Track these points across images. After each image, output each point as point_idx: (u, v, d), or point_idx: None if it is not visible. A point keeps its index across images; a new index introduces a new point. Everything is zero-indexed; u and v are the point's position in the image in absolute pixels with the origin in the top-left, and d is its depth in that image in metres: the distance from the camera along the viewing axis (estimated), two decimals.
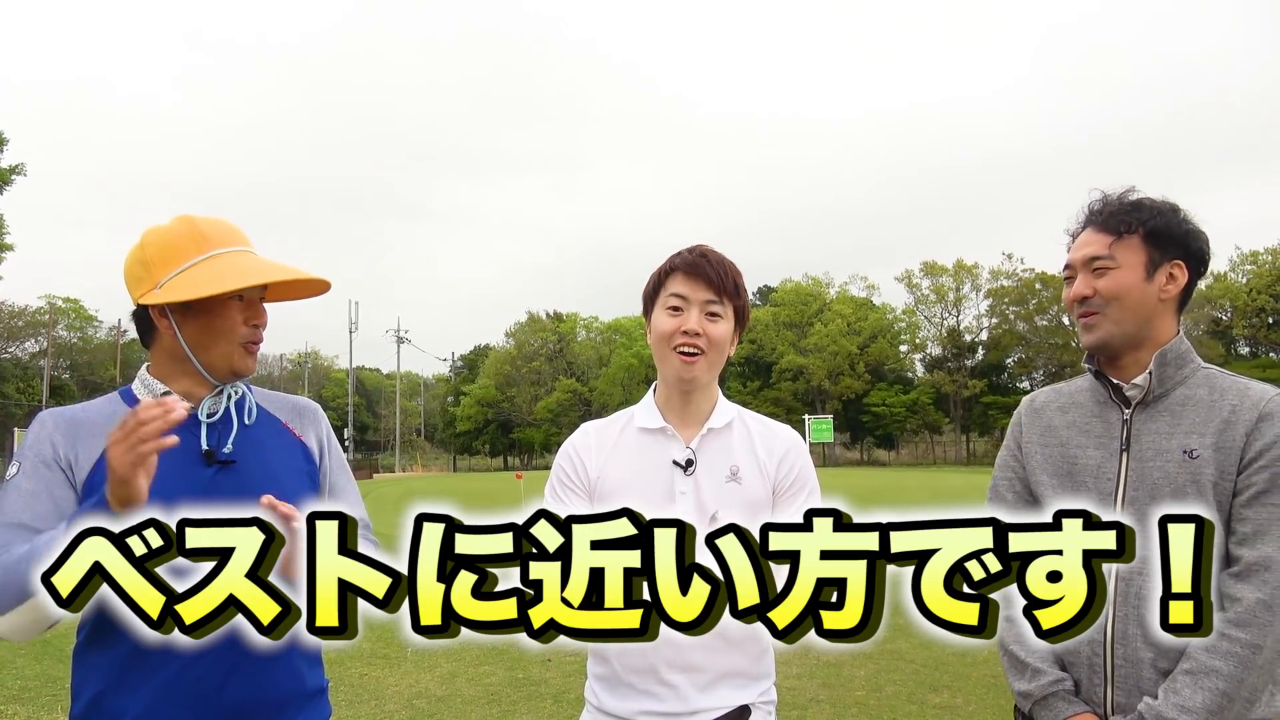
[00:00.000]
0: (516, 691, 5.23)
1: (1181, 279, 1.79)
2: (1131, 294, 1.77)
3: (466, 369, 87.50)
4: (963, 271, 65.40)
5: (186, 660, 1.60)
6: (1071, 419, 1.89)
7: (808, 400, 63.46)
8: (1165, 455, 1.73)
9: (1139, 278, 1.77)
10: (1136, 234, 1.77)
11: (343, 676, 5.50)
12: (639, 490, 1.87)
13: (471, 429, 76.63)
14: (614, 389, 64.99)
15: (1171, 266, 1.78)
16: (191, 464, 1.69)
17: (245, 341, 1.73)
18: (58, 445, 1.64)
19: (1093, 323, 1.81)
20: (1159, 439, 1.75)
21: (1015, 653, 1.84)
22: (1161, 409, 1.77)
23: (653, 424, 1.93)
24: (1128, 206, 1.80)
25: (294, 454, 1.83)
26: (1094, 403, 1.87)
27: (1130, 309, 1.77)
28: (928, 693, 5.16)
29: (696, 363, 1.87)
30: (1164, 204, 1.81)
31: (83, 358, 63.82)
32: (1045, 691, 1.78)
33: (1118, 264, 1.78)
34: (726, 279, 1.88)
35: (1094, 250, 1.80)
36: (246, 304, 1.74)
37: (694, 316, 1.86)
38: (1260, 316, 55.16)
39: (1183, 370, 1.78)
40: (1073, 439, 1.86)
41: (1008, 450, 2.02)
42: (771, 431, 1.98)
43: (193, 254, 1.69)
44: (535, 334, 76.92)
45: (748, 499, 1.88)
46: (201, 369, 1.72)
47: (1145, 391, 1.78)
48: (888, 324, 67.41)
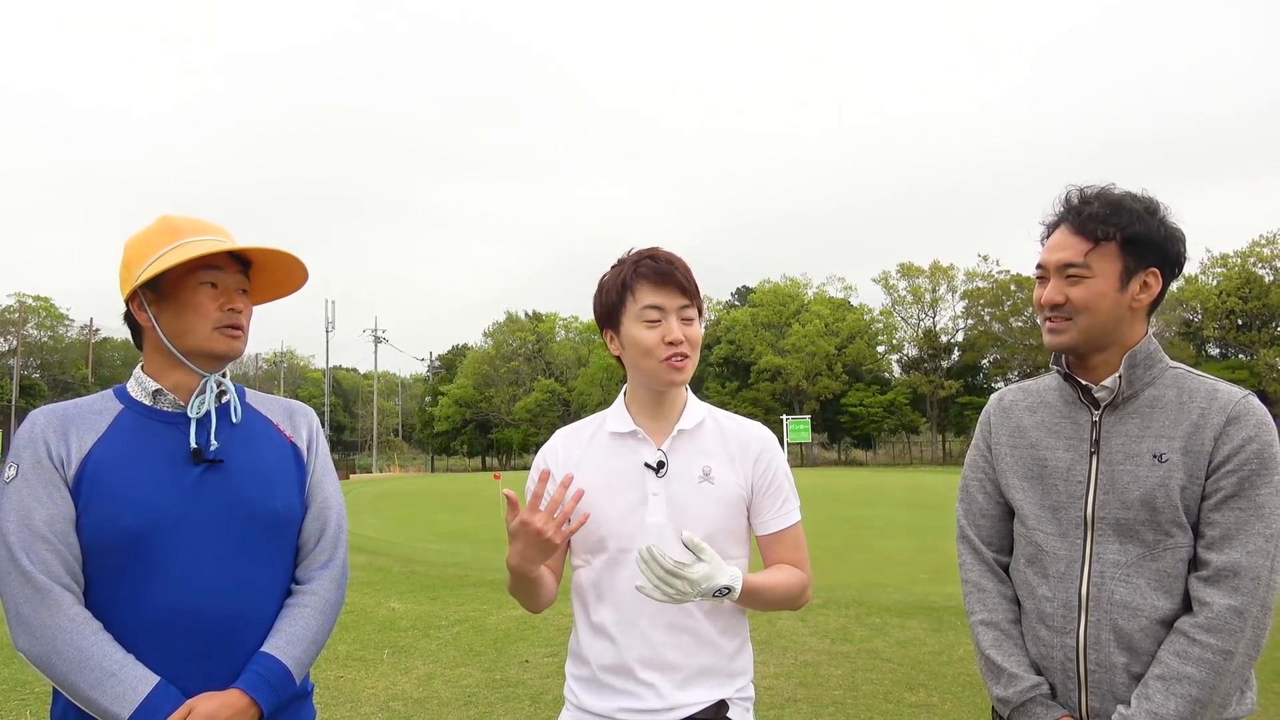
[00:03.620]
0: (494, 693, 5.21)
1: (1155, 287, 1.76)
2: (1104, 305, 1.73)
3: (444, 369, 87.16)
4: (939, 273, 65.96)
5: (170, 668, 1.61)
6: (1040, 419, 1.87)
7: (786, 400, 63.67)
8: (1135, 459, 1.72)
9: (1113, 288, 1.73)
10: (1114, 241, 1.72)
11: (318, 679, 5.45)
12: (611, 495, 1.87)
13: (449, 429, 76.32)
14: (593, 389, 64.93)
15: (1146, 275, 1.74)
16: (179, 462, 1.69)
17: (221, 325, 1.74)
18: (50, 443, 1.65)
19: (1061, 328, 1.77)
20: (1129, 442, 1.74)
21: (992, 658, 1.84)
22: (1131, 410, 1.76)
23: (623, 428, 1.93)
24: (1106, 210, 1.74)
25: (283, 455, 1.83)
26: (1063, 403, 1.85)
27: (1101, 318, 1.74)
28: (904, 691, 5.19)
29: (685, 367, 1.88)
30: (1142, 205, 1.75)
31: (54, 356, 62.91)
32: (1023, 697, 1.77)
33: (1093, 273, 1.73)
34: (691, 282, 1.89)
35: (1069, 256, 1.75)
36: (220, 290, 1.75)
37: (674, 325, 1.86)
38: (1230, 318, 55.98)
39: (1151, 371, 1.76)
40: (1042, 440, 1.85)
41: (977, 450, 2.00)
42: (744, 429, 1.98)
43: (163, 244, 1.72)
44: (514, 334, 76.73)
45: (721, 499, 1.88)
46: (183, 358, 1.73)
47: (1114, 394, 1.76)
48: (865, 325, 67.81)
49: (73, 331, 64.47)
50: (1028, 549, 1.85)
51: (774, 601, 1.90)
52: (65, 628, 1.55)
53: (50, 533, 1.58)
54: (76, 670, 1.54)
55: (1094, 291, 1.73)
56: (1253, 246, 56.88)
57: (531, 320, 77.90)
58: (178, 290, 1.71)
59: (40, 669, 1.57)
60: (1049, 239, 1.82)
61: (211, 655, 1.65)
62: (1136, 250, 1.73)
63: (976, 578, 1.93)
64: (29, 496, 1.59)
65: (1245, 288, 55.31)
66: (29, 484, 1.60)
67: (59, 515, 1.60)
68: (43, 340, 62.68)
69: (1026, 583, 1.84)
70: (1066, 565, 1.76)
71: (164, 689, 1.58)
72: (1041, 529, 1.81)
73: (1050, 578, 1.78)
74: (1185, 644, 1.62)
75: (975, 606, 1.92)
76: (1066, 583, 1.76)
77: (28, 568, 1.56)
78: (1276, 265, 56.05)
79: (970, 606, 1.93)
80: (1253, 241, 56.96)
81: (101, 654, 1.56)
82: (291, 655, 1.71)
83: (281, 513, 1.77)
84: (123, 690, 1.54)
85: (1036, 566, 1.82)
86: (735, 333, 66.08)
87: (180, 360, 1.74)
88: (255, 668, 1.67)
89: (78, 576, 1.61)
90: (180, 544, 1.64)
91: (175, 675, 1.61)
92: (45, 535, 1.58)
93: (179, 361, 1.74)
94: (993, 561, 1.93)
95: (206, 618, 1.64)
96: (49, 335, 63.07)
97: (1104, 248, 1.73)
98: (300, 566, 1.83)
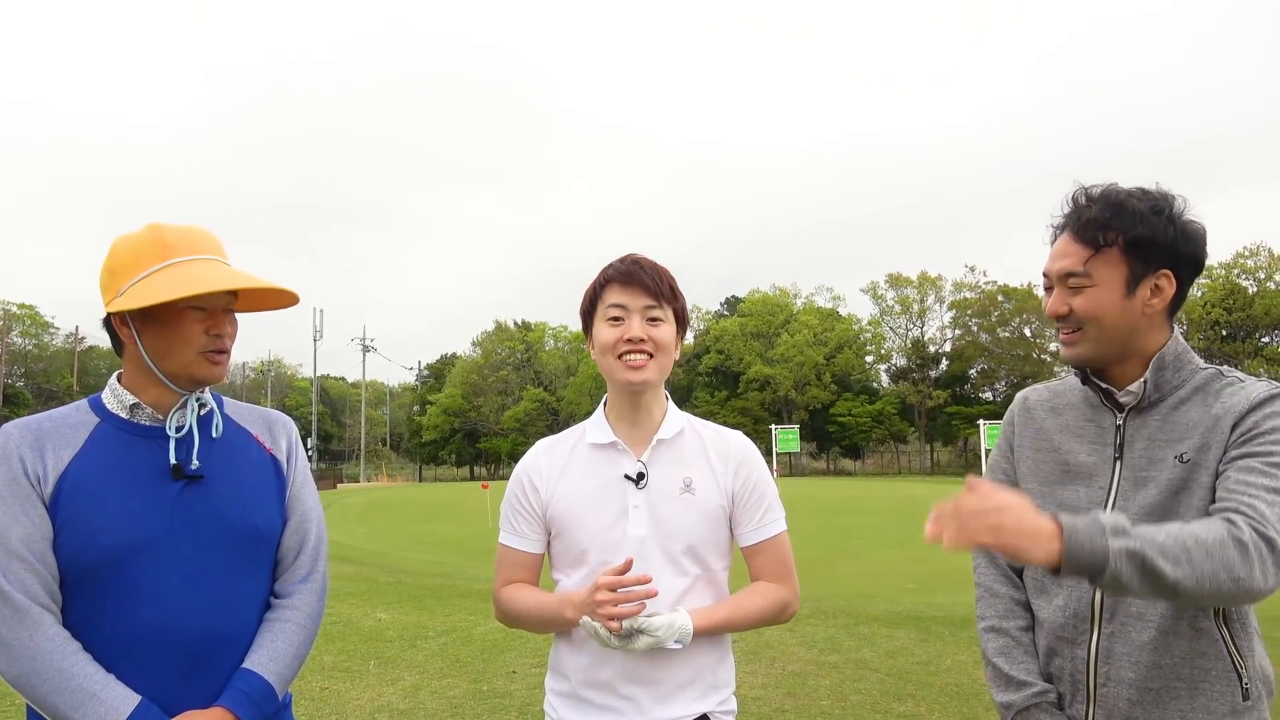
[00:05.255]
0: (480, 704, 5.18)
1: (1169, 289, 1.65)
2: (1110, 313, 1.65)
3: (433, 378, 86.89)
4: (927, 284, 66.24)
5: (152, 686, 1.60)
6: (1064, 421, 1.80)
7: (774, 410, 63.73)
8: (1159, 464, 1.65)
9: (1118, 295, 1.64)
10: (1115, 246, 1.63)
11: (304, 690, 5.41)
12: (592, 507, 1.86)
13: (437, 438, 76.03)
14: (582, 398, 64.81)
15: (1157, 278, 1.64)
16: (158, 479, 1.66)
17: (206, 350, 1.69)
18: (25, 459, 1.61)
19: (1073, 340, 1.70)
20: (1153, 446, 1.66)
21: (999, 665, 1.78)
22: (1155, 414, 1.68)
23: (603, 439, 1.92)
24: (1108, 213, 1.64)
25: (263, 469, 1.81)
26: (1086, 405, 1.78)
27: (1110, 328, 1.66)
28: (892, 701, 5.19)
29: (646, 366, 1.86)
30: (1149, 204, 1.63)
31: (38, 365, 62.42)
32: (1028, 703, 1.72)
33: (1094, 281, 1.65)
34: (662, 283, 1.88)
35: (1069, 265, 1.67)
36: (208, 313, 1.70)
37: (636, 323, 1.86)
38: (1214, 329, 56.40)
39: (1181, 373, 1.68)
40: (1065, 443, 1.78)
41: (999, 451, 1.93)
42: (724, 439, 1.97)
43: (153, 261, 1.67)
44: (503, 343, 76.60)
45: (702, 510, 1.87)
46: (163, 378, 1.70)
47: (1140, 398, 1.69)
48: (854, 335, 68.01)
49: (58, 340, 64.05)
50: None
51: (745, 627, 1.90)
52: (45, 648, 1.53)
53: (27, 552, 1.55)
54: (57, 692, 1.52)
55: (1097, 300, 1.65)
56: (1237, 258, 57.38)
57: (520, 329, 77.77)
58: (164, 312, 1.66)
59: (20, 690, 1.54)
60: (1054, 245, 1.74)
61: (194, 673, 1.63)
62: (1142, 254, 1.63)
63: (989, 582, 1.86)
64: (4, 515, 1.56)
65: (1229, 299, 55.75)
66: (4, 502, 1.57)
67: (36, 534, 1.57)
68: (27, 349, 62.20)
69: (1041, 590, 1.78)
70: None
71: (146, 708, 1.56)
72: None
73: (1065, 586, 1.71)
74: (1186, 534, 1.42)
75: (985, 611, 1.85)
76: (1081, 592, 1.69)
77: (5, 587, 1.53)
78: (1260, 277, 56.57)
79: (980, 611, 1.87)
80: (1237, 253, 57.47)
81: (82, 674, 1.54)
82: (274, 671, 1.69)
83: (261, 528, 1.75)
84: (104, 711, 1.52)
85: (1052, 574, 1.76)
86: (724, 342, 66.14)
87: (160, 379, 1.70)
88: (239, 685, 1.65)
89: (56, 596, 1.58)
90: (161, 562, 1.61)
91: (157, 694, 1.59)
92: (22, 554, 1.55)
93: (159, 379, 1.70)
94: (1007, 566, 1.86)
95: (188, 635, 1.62)
96: (33, 343, 62.61)
97: (1105, 254, 1.64)
98: (280, 580, 1.80)
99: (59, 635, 1.55)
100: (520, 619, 1.91)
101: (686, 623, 1.76)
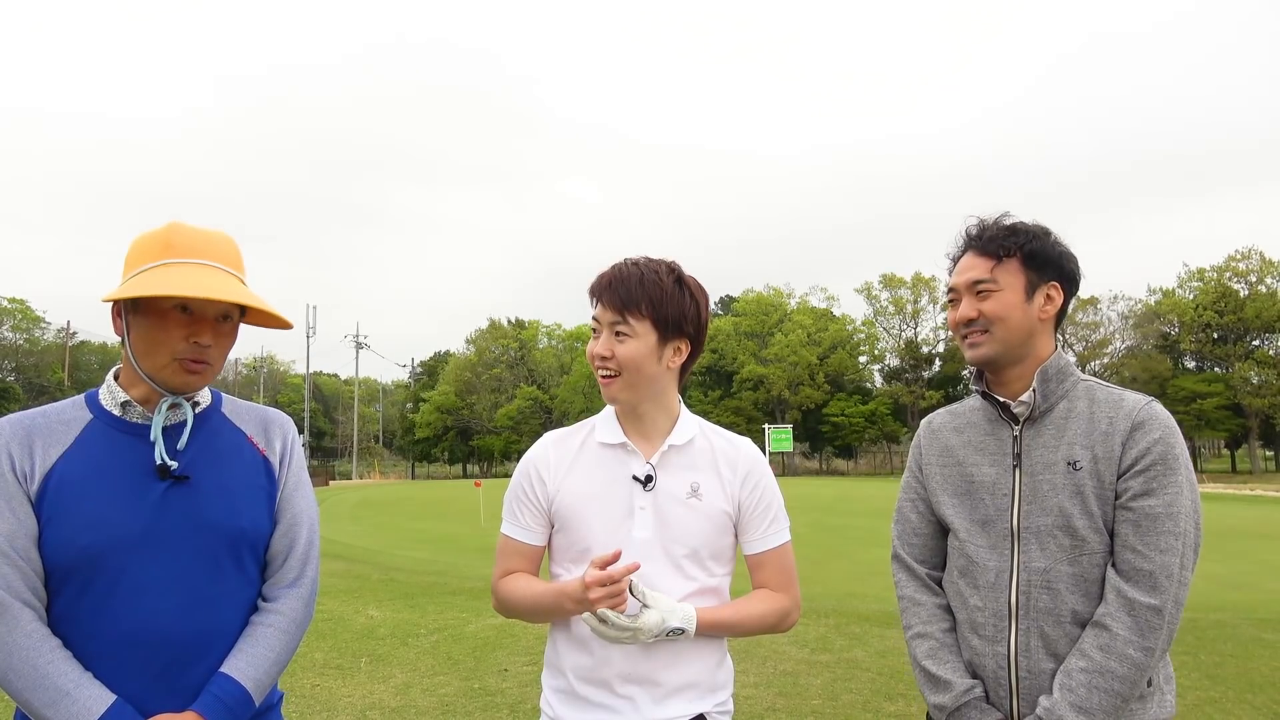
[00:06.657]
0: (472, 702, 5.17)
1: (1058, 299, 1.89)
2: (1014, 314, 1.86)
3: (426, 375, 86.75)
4: (920, 284, 66.42)
5: (131, 686, 1.59)
6: (967, 438, 1.97)
7: (768, 410, 63.82)
8: (1052, 468, 1.82)
9: (1020, 299, 1.86)
10: (1015, 258, 1.87)
11: (295, 688, 5.40)
12: (598, 506, 1.86)
13: (431, 436, 75.90)
14: (575, 397, 64.82)
15: (1049, 288, 1.88)
16: (143, 478, 1.64)
17: (183, 357, 1.65)
18: (14, 455, 1.60)
19: (978, 341, 1.90)
20: (1046, 452, 1.84)
21: (928, 667, 1.91)
22: (1047, 423, 1.86)
23: (613, 439, 1.91)
24: (1005, 231, 1.89)
25: (253, 470, 1.78)
26: (986, 421, 1.96)
27: (1013, 328, 1.86)
28: (883, 701, 5.20)
29: (612, 384, 1.85)
30: (1037, 227, 1.91)
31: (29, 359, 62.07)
32: (959, 701, 1.84)
33: (1000, 286, 1.87)
34: (634, 295, 1.82)
35: (976, 274, 1.89)
36: (193, 319, 1.66)
37: (602, 340, 1.85)
38: (1206, 332, 56.63)
39: (1064, 384, 1.87)
40: (969, 457, 1.95)
41: (910, 472, 2.09)
42: (735, 448, 1.96)
43: (153, 258, 1.65)
44: (496, 341, 76.48)
45: (708, 516, 1.87)
46: (145, 376, 1.68)
47: (1031, 408, 1.86)
48: (847, 335, 68.17)
49: (49, 334, 63.66)
50: (960, 561, 1.92)
51: (745, 631, 1.91)
52: (22, 644, 1.52)
53: (10, 548, 1.54)
54: (31, 689, 1.51)
55: (1003, 303, 1.87)
56: (1228, 261, 57.66)
57: (514, 327, 77.68)
58: (149, 309, 1.64)
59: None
60: (957, 264, 1.97)
61: (173, 674, 1.61)
62: (1037, 265, 1.88)
63: (911, 593, 2.01)
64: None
65: (1221, 302, 56.01)
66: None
67: (20, 531, 1.56)
68: (18, 343, 61.83)
69: (959, 594, 1.92)
70: (996, 575, 1.84)
71: (120, 708, 1.54)
72: (972, 541, 1.89)
73: (981, 588, 1.86)
74: (1108, 638, 1.70)
75: (911, 620, 2.00)
76: (996, 592, 1.84)
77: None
78: (1251, 280, 56.82)
79: (906, 621, 2.01)
80: (1228, 256, 57.77)
81: (57, 672, 1.53)
82: (251, 677, 1.66)
83: (247, 530, 1.72)
84: (77, 710, 1.51)
85: (968, 578, 1.89)
86: (718, 342, 66.13)
87: (144, 377, 1.68)
88: (214, 690, 1.63)
89: (39, 593, 1.57)
90: (141, 562, 1.60)
91: (135, 694, 1.57)
92: (4, 550, 1.54)
93: (144, 377, 1.68)
94: (925, 577, 2.01)
95: (167, 636, 1.61)
96: (24, 338, 62.23)
97: (1007, 263, 1.87)
98: (268, 583, 1.77)
99: (37, 632, 1.54)
100: (518, 609, 1.90)
101: (690, 609, 1.79)
